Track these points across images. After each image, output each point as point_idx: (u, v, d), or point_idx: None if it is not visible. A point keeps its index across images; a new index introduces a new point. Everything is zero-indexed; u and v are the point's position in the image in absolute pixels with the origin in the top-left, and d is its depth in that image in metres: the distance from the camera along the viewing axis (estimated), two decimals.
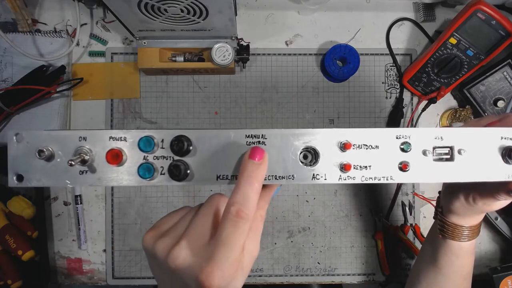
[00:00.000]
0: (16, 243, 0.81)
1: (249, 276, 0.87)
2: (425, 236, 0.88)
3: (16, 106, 0.82)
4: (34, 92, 0.81)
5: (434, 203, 0.88)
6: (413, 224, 0.89)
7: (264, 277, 0.89)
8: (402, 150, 0.38)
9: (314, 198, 0.90)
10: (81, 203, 0.88)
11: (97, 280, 0.89)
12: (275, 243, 0.89)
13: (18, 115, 0.86)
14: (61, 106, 0.87)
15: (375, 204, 0.90)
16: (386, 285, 0.90)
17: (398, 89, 0.91)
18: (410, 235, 0.89)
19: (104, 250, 0.88)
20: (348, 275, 0.90)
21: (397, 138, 0.38)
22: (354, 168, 0.38)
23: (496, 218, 0.86)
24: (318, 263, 0.89)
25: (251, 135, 0.37)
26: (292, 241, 0.90)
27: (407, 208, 0.90)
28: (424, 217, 0.90)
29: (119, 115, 0.89)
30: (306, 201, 0.90)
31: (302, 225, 0.90)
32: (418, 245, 0.89)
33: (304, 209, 0.90)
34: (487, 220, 0.88)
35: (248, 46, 0.85)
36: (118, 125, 0.89)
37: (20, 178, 0.37)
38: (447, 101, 0.91)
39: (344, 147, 0.37)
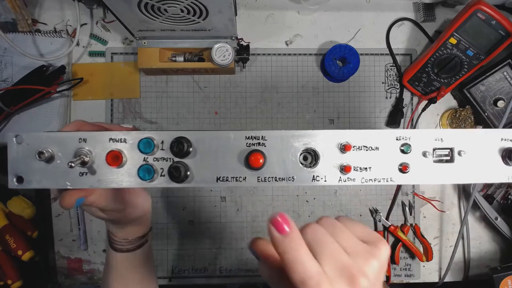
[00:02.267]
0: (16, 243, 0.81)
1: (249, 276, 0.88)
2: (425, 236, 0.89)
3: (16, 106, 0.82)
4: (34, 92, 0.81)
5: (435, 203, 0.89)
6: (413, 224, 0.89)
7: None
8: (402, 151, 0.38)
9: (314, 198, 0.90)
10: None
11: (97, 280, 0.89)
12: None
13: (18, 115, 0.86)
14: (61, 106, 0.87)
15: (375, 204, 0.90)
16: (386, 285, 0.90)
17: (398, 89, 0.91)
18: (410, 235, 0.89)
19: (104, 250, 0.88)
20: None
21: (397, 139, 0.38)
22: (354, 169, 0.38)
23: (496, 218, 0.86)
24: None
25: (251, 136, 0.37)
26: None
27: (407, 208, 0.90)
28: (424, 217, 0.90)
29: (119, 115, 0.89)
30: (306, 201, 0.90)
31: (302, 225, 0.89)
32: (418, 245, 0.89)
33: (304, 209, 0.90)
34: (487, 220, 0.88)
35: (248, 46, 0.85)
36: None
37: (20, 179, 0.37)
38: (447, 101, 0.91)
39: (344, 148, 0.37)
